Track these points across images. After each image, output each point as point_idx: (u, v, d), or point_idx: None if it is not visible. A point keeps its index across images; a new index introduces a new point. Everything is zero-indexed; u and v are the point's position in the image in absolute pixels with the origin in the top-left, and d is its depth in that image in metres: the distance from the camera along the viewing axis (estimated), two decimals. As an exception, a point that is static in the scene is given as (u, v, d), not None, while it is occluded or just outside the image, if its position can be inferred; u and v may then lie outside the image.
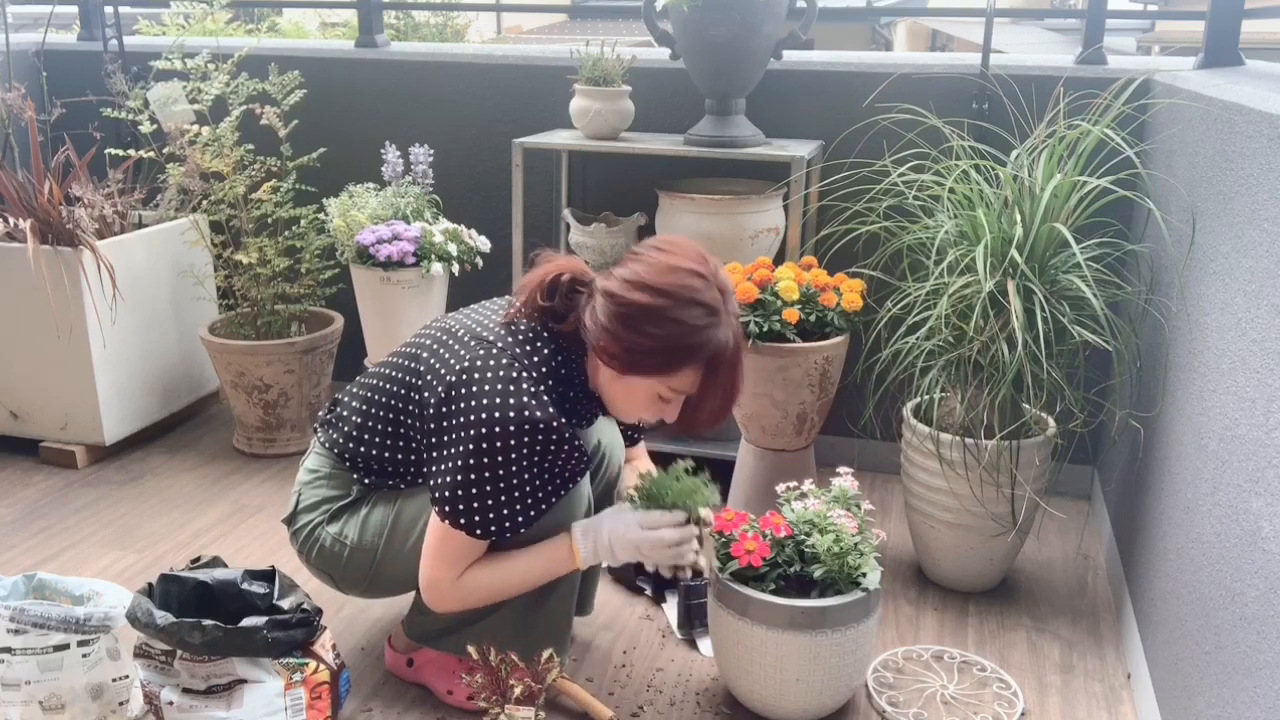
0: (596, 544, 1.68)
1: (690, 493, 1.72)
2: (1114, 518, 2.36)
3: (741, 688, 1.82)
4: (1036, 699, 1.90)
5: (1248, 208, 1.52)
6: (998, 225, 2.05)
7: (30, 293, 2.67)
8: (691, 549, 1.70)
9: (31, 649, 1.64)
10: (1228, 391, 1.51)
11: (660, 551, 1.68)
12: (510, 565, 1.67)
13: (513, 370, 1.60)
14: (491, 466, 1.58)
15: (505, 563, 1.67)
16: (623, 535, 1.67)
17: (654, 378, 1.62)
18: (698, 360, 1.59)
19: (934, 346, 2.10)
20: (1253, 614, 1.30)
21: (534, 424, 1.57)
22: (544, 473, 1.64)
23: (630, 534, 1.67)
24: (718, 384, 1.63)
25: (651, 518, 1.68)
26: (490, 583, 1.67)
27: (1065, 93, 2.23)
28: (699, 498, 1.72)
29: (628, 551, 1.67)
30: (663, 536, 1.67)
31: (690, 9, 2.39)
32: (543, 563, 1.68)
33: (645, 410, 1.68)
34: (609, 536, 1.67)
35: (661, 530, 1.67)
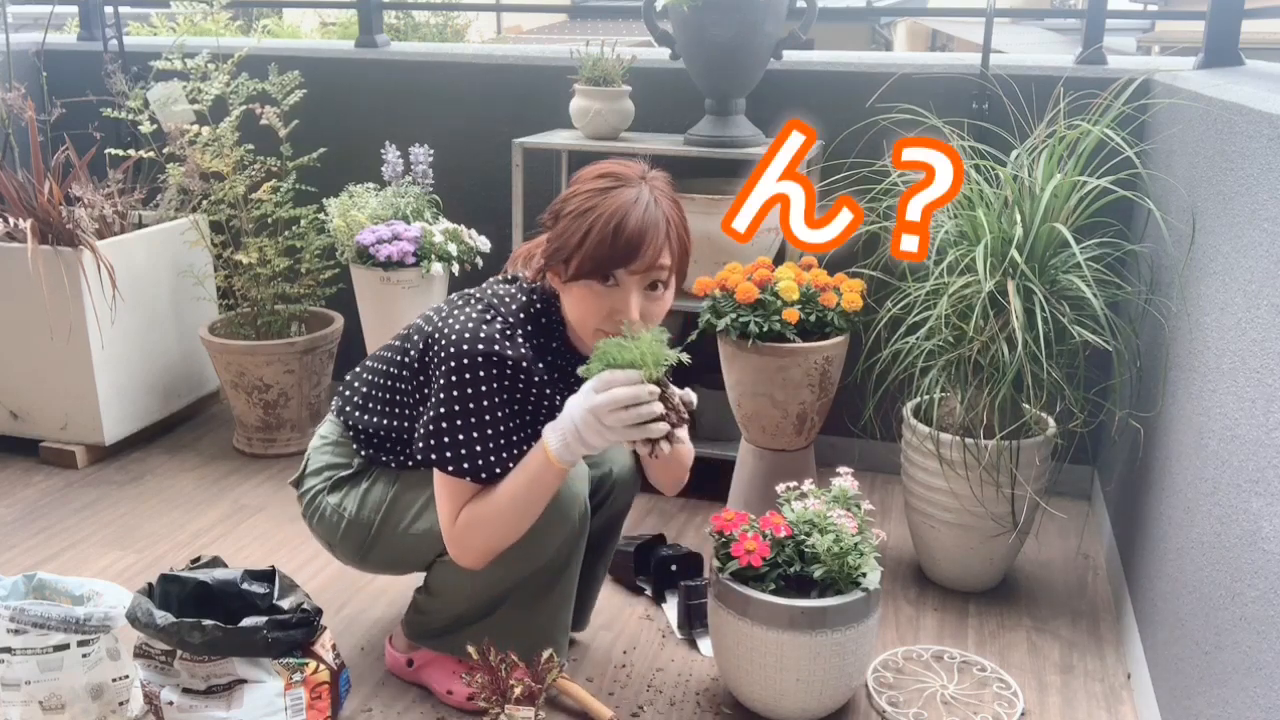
0: (564, 434, 1.57)
1: (640, 350, 1.55)
2: (1114, 518, 2.36)
3: (741, 688, 1.82)
4: (1036, 699, 1.90)
5: (1248, 208, 1.52)
6: (998, 225, 2.05)
7: (30, 293, 2.67)
8: (652, 411, 1.52)
9: (31, 649, 1.64)
10: (1228, 391, 1.51)
11: (617, 416, 1.52)
12: (499, 492, 1.63)
13: (486, 313, 1.65)
14: (462, 401, 1.60)
15: (494, 492, 1.64)
16: (580, 409, 1.54)
17: (590, 277, 1.58)
18: (610, 221, 1.55)
19: (934, 346, 2.10)
20: (1253, 614, 1.30)
21: (502, 360, 1.61)
22: (516, 413, 1.65)
23: (586, 403, 1.54)
24: (644, 242, 1.56)
25: (604, 378, 1.54)
26: (485, 513, 1.63)
27: (1065, 93, 2.23)
28: (649, 355, 1.54)
29: (590, 428, 1.54)
30: (612, 397, 1.51)
31: (690, 9, 2.39)
32: (525, 477, 1.61)
33: (597, 316, 1.60)
34: (570, 419, 1.56)
35: (610, 391, 1.52)
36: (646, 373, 1.54)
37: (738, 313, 2.23)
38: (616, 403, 1.51)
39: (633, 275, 1.58)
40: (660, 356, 1.55)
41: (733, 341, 2.25)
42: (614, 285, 1.59)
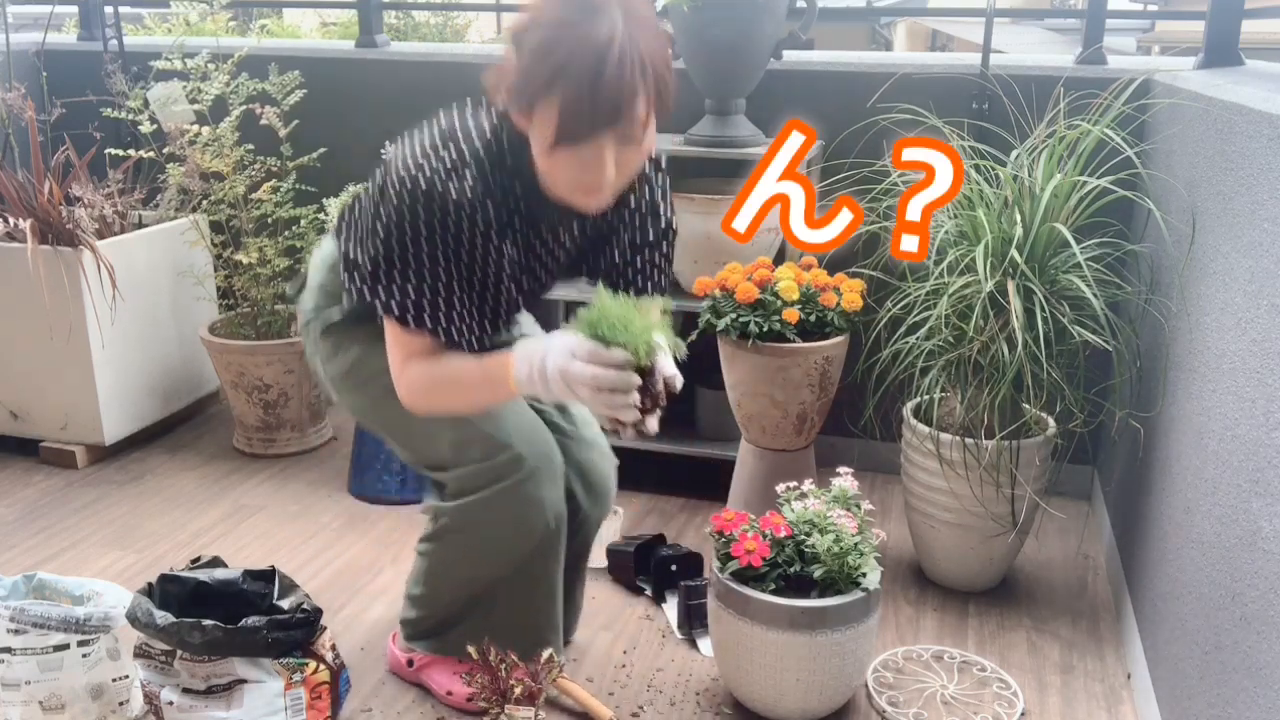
0: (532, 366, 1.45)
1: (635, 332, 1.41)
2: (1114, 518, 2.36)
3: (741, 688, 1.82)
4: (1036, 699, 1.90)
5: (1248, 208, 1.52)
6: (998, 225, 2.05)
7: (30, 293, 2.67)
8: (628, 403, 1.40)
9: (31, 649, 1.64)
10: (1228, 391, 1.51)
11: (589, 393, 1.40)
12: (453, 367, 1.54)
13: (442, 144, 1.49)
14: (399, 238, 1.48)
15: (448, 360, 1.55)
16: (555, 361, 1.42)
17: (559, 144, 1.40)
18: (581, 80, 1.33)
19: (934, 346, 2.10)
20: (1253, 614, 1.30)
21: (442, 201, 1.46)
22: (455, 259, 1.51)
23: (561, 361, 1.41)
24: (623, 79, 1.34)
25: (589, 349, 1.40)
26: (431, 375, 1.55)
27: (1065, 93, 2.23)
28: (642, 341, 1.41)
29: (558, 384, 1.42)
30: (592, 375, 1.39)
31: (690, 9, 2.39)
32: (480, 370, 1.52)
33: (568, 183, 1.45)
34: (543, 359, 1.44)
35: (591, 367, 1.39)
36: (635, 360, 1.41)
37: (738, 313, 2.23)
38: (595, 382, 1.39)
39: (608, 134, 1.39)
40: (652, 345, 1.42)
41: (733, 341, 2.25)
42: (585, 144, 1.39)
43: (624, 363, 1.39)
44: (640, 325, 1.41)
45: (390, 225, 1.48)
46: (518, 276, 1.61)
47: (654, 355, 1.42)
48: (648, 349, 1.41)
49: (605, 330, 1.40)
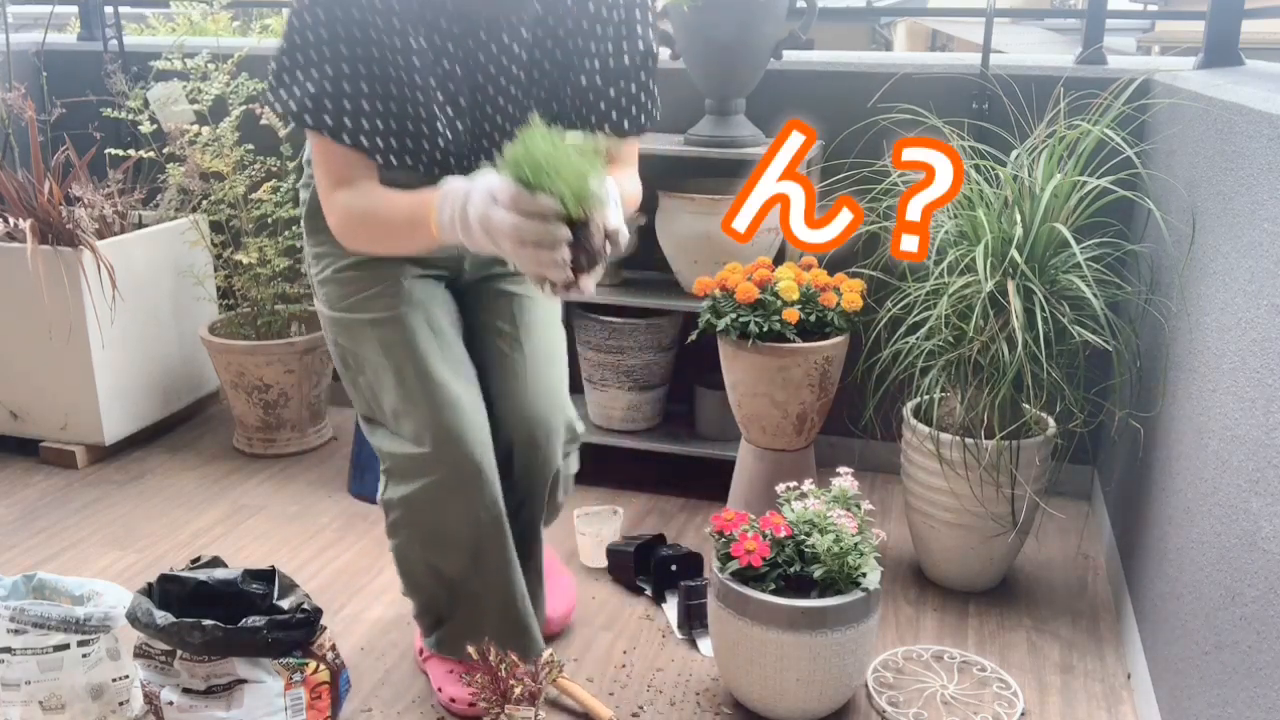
0: (454, 209, 1.32)
1: (566, 178, 1.22)
2: (1114, 518, 2.36)
3: (741, 688, 1.82)
4: (1036, 699, 1.90)
5: (1248, 208, 1.52)
6: (998, 225, 2.05)
7: (30, 293, 2.67)
8: (555, 260, 1.24)
9: (31, 649, 1.64)
10: (1228, 391, 1.51)
11: (511, 246, 1.25)
12: (379, 196, 1.46)
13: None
14: (300, 27, 1.41)
15: (377, 193, 1.47)
16: (477, 206, 1.28)
17: None
18: None
19: (934, 346, 2.10)
20: (1253, 614, 1.30)
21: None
22: (367, 61, 1.42)
23: (482, 206, 1.27)
24: None
25: (512, 194, 1.24)
26: (358, 206, 1.46)
27: (1065, 93, 2.23)
28: (573, 189, 1.22)
29: (479, 232, 1.29)
30: (513, 225, 1.23)
31: (690, 9, 2.39)
32: (407, 207, 1.40)
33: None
34: (465, 201, 1.31)
35: (513, 216, 1.23)
36: (565, 211, 1.23)
37: (738, 313, 2.23)
38: (516, 234, 1.23)
39: None
40: (586, 193, 1.22)
41: (733, 341, 2.25)
42: None
43: (550, 213, 1.21)
44: (572, 170, 1.21)
45: (291, 17, 1.41)
46: (454, 95, 1.47)
47: (589, 206, 1.23)
48: (579, 199, 1.22)
49: (530, 174, 1.21)
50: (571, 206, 1.22)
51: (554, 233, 1.23)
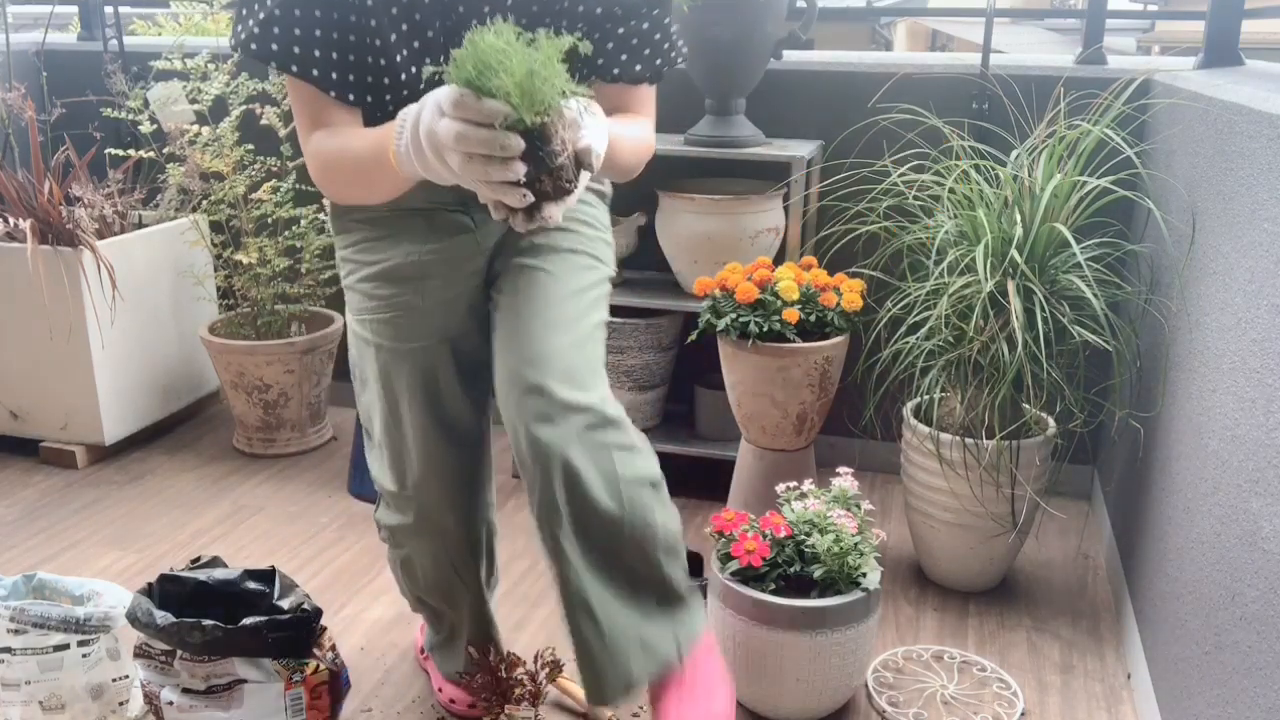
0: (408, 133, 1.16)
1: (515, 74, 1.02)
2: (1114, 518, 2.36)
3: (741, 688, 1.82)
4: (1036, 699, 1.90)
5: (1248, 208, 1.52)
6: (998, 225, 2.05)
7: (30, 293, 2.68)
8: (506, 175, 1.06)
9: (31, 649, 1.64)
10: (1228, 391, 1.51)
11: (458, 161, 1.08)
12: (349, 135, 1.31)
13: None
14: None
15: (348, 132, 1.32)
16: (425, 121, 1.12)
17: None
18: None
19: (934, 346, 2.10)
20: (1253, 614, 1.30)
21: None
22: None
23: (433, 120, 1.10)
24: None
25: (456, 98, 1.06)
26: (330, 148, 1.32)
27: (1065, 93, 2.23)
28: (524, 87, 1.03)
29: (430, 150, 1.12)
30: (457, 133, 1.06)
31: (690, 9, 2.39)
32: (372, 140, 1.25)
33: None
34: (415, 124, 1.14)
35: (460, 126, 1.05)
36: (516, 114, 1.03)
37: (738, 313, 2.23)
38: (460, 143, 1.06)
39: None
40: (540, 94, 1.03)
41: (733, 341, 2.25)
42: None
43: (497, 116, 1.03)
44: (524, 69, 1.01)
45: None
46: (420, 26, 1.32)
47: (548, 111, 1.04)
48: (533, 100, 1.02)
49: (474, 74, 1.02)
50: (523, 109, 1.01)
51: (500, 141, 1.03)
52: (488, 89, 1.01)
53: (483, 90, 1.01)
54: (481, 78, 1.01)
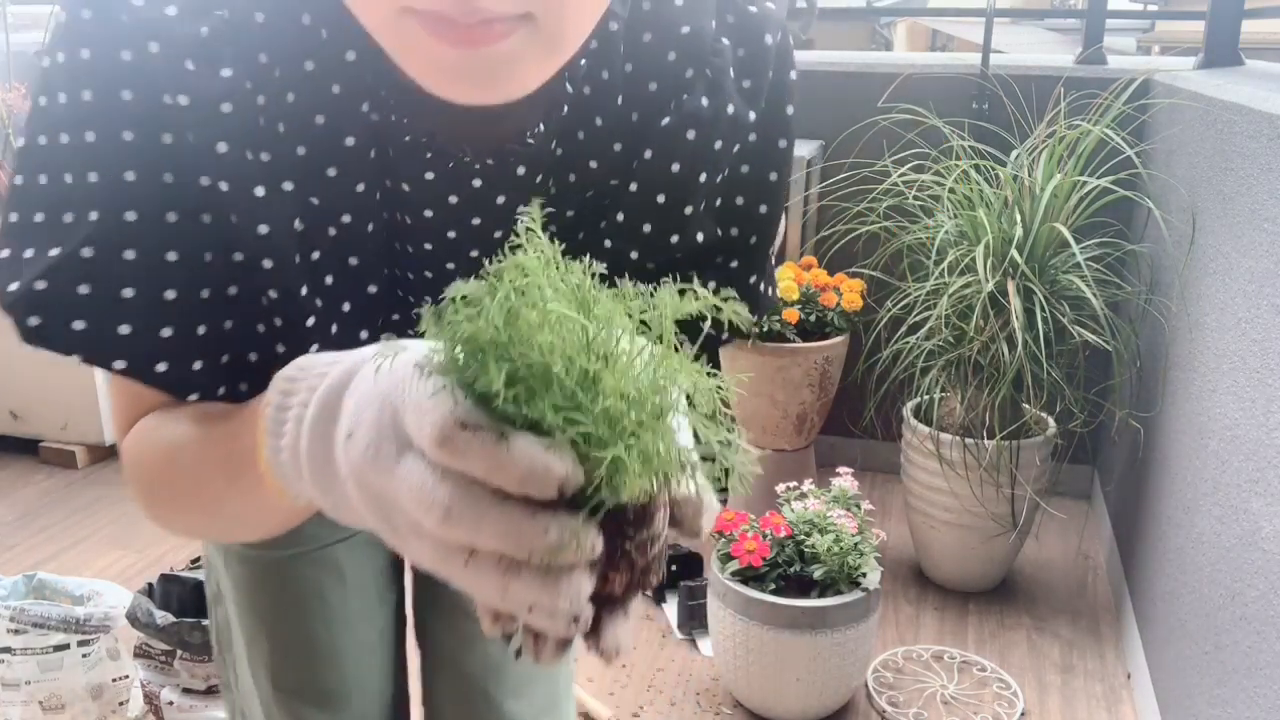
0: (303, 430, 0.48)
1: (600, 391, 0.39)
2: (1114, 518, 2.36)
3: (741, 688, 1.82)
4: (1036, 699, 1.90)
5: (1248, 208, 1.52)
6: (998, 225, 2.05)
7: (30, 293, 2.68)
8: (558, 599, 0.40)
9: (31, 649, 1.64)
10: (1228, 391, 1.51)
11: (430, 548, 0.42)
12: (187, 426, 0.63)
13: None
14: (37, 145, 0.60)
15: (183, 418, 0.64)
16: (362, 438, 0.44)
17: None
18: None
19: (934, 346, 2.10)
20: (1253, 614, 1.30)
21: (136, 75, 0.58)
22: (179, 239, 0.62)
23: (370, 439, 0.43)
24: None
25: (449, 418, 0.39)
26: (154, 451, 0.64)
27: (1065, 93, 2.23)
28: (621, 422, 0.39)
29: (358, 494, 0.45)
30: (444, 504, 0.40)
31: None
32: (222, 439, 0.58)
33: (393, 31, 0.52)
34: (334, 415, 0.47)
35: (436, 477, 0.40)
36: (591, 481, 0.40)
37: (738, 313, 2.23)
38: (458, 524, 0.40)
39: None
40: (655, 440, 0.40)
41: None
42: None
43: (545, 481, 0.39)
44: (619, 372, 0.40)
45: (29, 128, 0.61)
46: (355, 283, 0.68)
47: (663, 471, 0.41)
48: (642, 456, 0.40)
49: (491, 369, 0.39)
50: (626, 477, 0.40)
51: (558, 536, 0.40)
52: (527, 417, 0.40)
53: (509, 417, 0.40)
54: (519, 384, 0.40)
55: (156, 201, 0.60)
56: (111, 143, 0.59)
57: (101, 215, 0.60)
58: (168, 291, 0.62)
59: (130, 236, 0.60)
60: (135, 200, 0.60)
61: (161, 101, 0.58)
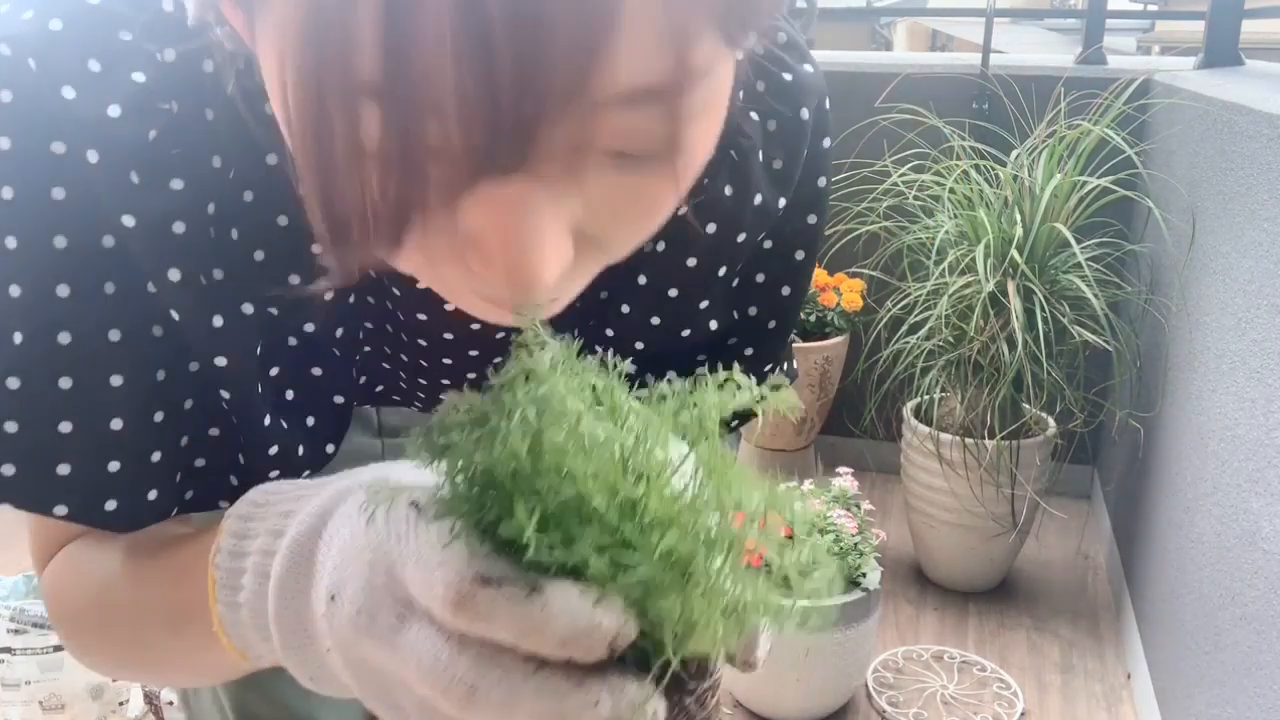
0: (265, 582, 0.42)
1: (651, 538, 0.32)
2: (1114, 518, 2.36)
3: (741, 688, 1.82)
4: (1036, 699, 1.90)
5: (1248, 208, 1.52)
6: (998, 225, 2.05)
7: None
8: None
9: (31, 649, 1.64)
10: (1228, 391, 1.51)
11: None
12: (118, 555, 0.53)
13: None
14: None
15: (112, 548, 0.54)
16: (351, 602, 0.36)
17: None
18: None
19: (934, 347, 2.10)
20: (1253, 614, 1.30)
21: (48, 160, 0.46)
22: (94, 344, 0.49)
23: (359, 603, 0.36)
24: None
25: (464, 583, 0.32)
26: (81, 584, 0.55)
27: (1065, 93, 2.23)
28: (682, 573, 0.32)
29: (343, 666, 0.38)
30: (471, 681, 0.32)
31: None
32: (160, 591, 0.50)
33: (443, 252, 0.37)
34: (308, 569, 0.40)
35: (451, 647, 0.33)
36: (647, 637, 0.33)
37: (738, 313, 2.23)
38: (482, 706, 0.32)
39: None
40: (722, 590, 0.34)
41: (733, 341, 2.25)
42: None
43: (592, 640, 0.31)
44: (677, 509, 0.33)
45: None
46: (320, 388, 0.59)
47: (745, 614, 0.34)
48: (726, 604, 0.34)
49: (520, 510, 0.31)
50: (690, 625, 0.32)
51: (611, 710, 0.32)
52: (561, 563, 0.32)
53: (539, 564, 0.32)
54: (551, 524, 0.32)
55: (96, 318, 0.49)
56: (39, 248, 0.47)
57: (28, 337, 0.48)
58: (114, 421, 0.50)
59: (65, 361, 0.49)
60: (70, 318, 0.48)
61: (102, 218, 0.47)
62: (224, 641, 0.44)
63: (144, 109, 0.46)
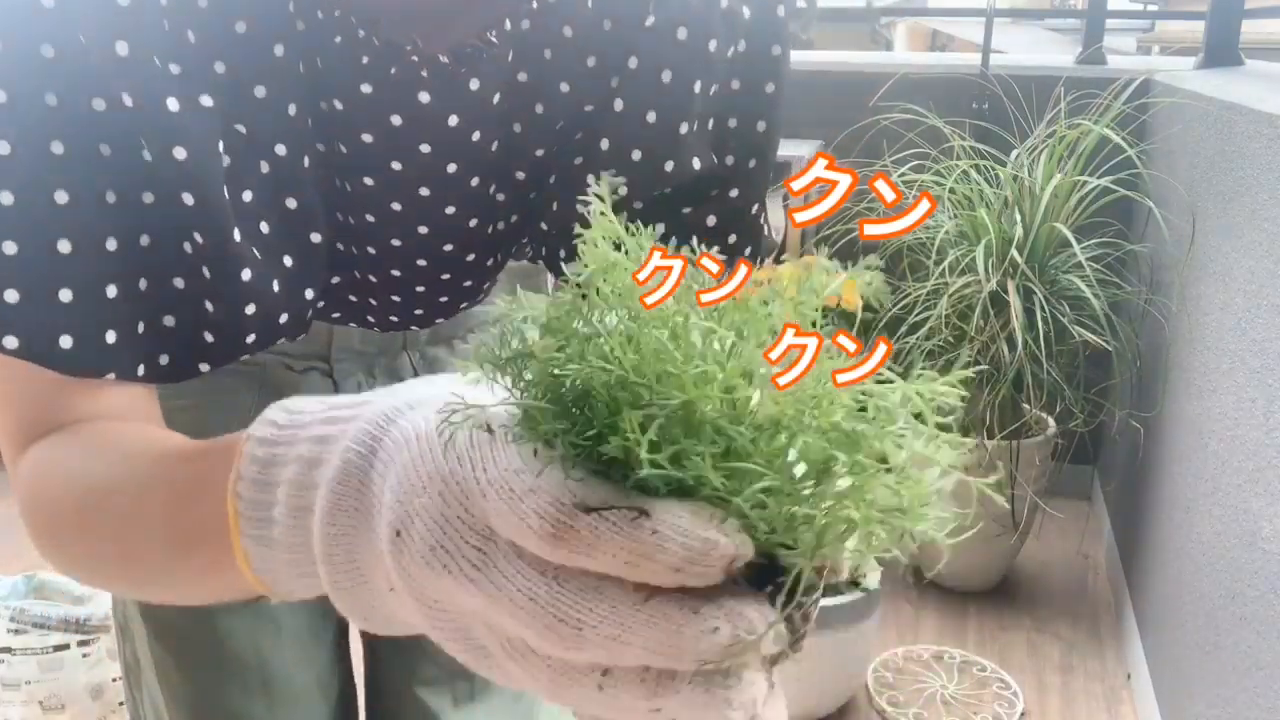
0: (320, 511, 0.36)
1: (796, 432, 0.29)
2: (1114, 518, 2.36)
3: (741, 688, 1.82)
4: (1036, 699, 1.90)
5: (1248, 208, 1.52)
6: (998, 225, 2.05)
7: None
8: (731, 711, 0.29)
9: (31, 649, 1.64)
10: (1228, 391, 1.51)
11: (546, 678, 0.31)
12: (121, 453, 0.49)
13: None
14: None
15: (111, 442, 0.50)
16: (421, 534, 0.32)
17: None
18: None
19: (934, 346, 2.10)
20: (1253, 614, 1.30)
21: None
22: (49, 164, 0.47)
23: (429, 537, 0.32)
24: None
25: (560, 505, 0.29)
26: (73, 480, 0.49)
27: (1065, 93, 2.23)
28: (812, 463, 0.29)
29: (414, 603, 0.34)
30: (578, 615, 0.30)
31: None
32: (167, 509, 0.44)
33: None
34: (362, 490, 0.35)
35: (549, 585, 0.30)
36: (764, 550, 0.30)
37: (738, 313, 2.23)
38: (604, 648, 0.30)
39: None
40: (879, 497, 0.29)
41: (733, 341, 2.25)
42: None
43: (729, 559, 0.29)
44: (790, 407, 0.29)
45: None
46: (300, 226, 0.56)
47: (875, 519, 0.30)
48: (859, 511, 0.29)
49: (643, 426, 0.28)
50: (815, 537, 0.29)
51: (730, 634, 0.29)
52: (670, 481, 0.29)
53: (644, 485, 0.29)
54: (672, 440, 0.28)
55: (38, 127, 0.46)
56: None
57: None
58: (61, 242, 0.47)
59: (4, 174, 0.46)
60: (7, 127, 0.46)
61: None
62: (249, 577, 0.39)
63: None
